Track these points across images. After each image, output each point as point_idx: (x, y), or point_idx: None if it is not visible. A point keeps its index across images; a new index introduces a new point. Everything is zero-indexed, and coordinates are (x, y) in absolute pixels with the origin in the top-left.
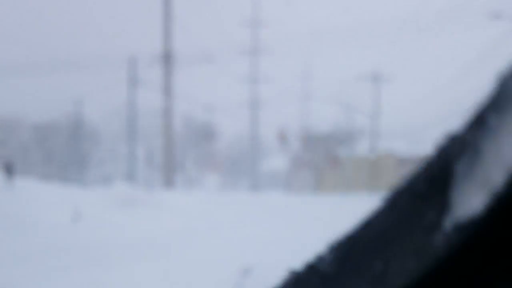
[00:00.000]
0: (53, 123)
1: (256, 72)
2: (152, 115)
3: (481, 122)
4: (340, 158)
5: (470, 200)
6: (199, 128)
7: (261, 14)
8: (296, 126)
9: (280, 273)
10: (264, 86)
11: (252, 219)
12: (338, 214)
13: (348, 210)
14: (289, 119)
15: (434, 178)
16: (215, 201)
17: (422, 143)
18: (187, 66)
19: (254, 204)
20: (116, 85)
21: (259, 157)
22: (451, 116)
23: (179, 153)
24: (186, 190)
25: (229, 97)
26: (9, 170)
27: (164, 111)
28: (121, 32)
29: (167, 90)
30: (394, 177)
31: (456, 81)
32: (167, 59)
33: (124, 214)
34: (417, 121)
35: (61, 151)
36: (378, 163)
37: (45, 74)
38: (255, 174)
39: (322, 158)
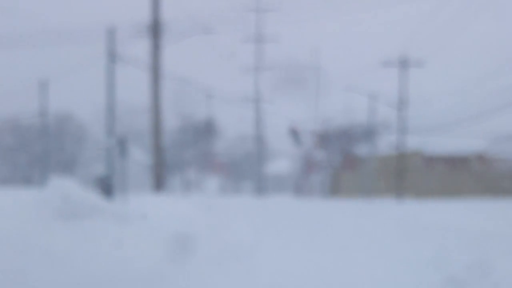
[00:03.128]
0: (36, 122)
1: (260, 60)
2: (141, 106)
3: None
4: (359, 158)
5: None
6: (199, 126)
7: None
8: (307, 121)
9: None
10: (269, 76)
11: (275, 240)
12: (376, 225)
13: (387, 219)
14: (299, 113)
15: None
16: (215, 208)
17: (457, 140)
18: (179, 40)
19: (266, 213)
20: (95, 64)
21: (264, 157)
22: (492, 110)
23: (177, 154)
24: (182, 193)
25: (230, 86)
26: None
27: (151, 95)
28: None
29: (155, 69)
30: (423, 179)
31: (501, 70)
32: (155, 29)
33: (63, 234)
34: (452, 114)
35: (46, 151)
36: (404, 162)
37: (5, 50)
38: (260, 176)
39: (337, 158)
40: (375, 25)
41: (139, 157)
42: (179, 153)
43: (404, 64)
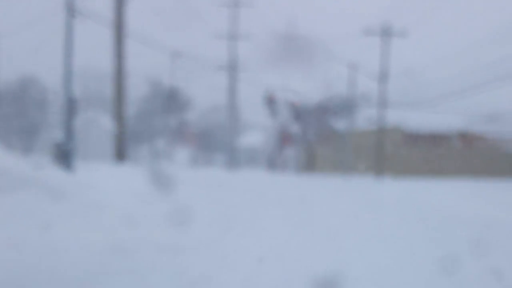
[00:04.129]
0: None
1: (235, 27)
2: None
3: None
4: (336, 132)
5: None
6: (169, 95)
7: None
8: (282, 94)
9: None
10: (244, 44)
11: (248, 221)
12: (361, 203)
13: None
14: (274, 86)
15: None
16: (178, 181)
17: (440, 116)
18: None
19: (236, 188)
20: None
21: (237, 129)
22: (478, 84)
23: (145, 123)
24: (148, 164)
25: (202, 51)
26: None
27: (115, 56)
28: None
29: (119, 26)
30: (403, 157)
31: (489, 42)
32: None
33: None
34: (436, 88)
35: (6, 117)
36: (383, 138)
37: None
38: (232, 148)
39: (314, 131)
40: None
41: (108, 125)
42: (148, 122)
43: (386, 33)
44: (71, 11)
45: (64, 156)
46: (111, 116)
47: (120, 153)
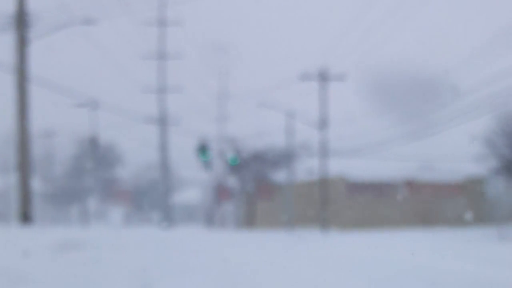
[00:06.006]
0: None
1: (164, 79)
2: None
3: None
4: (275, 184)
5: None
6: (93, 149)
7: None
8: (217, 147)
9: None
10: (175, 96)
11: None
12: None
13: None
14: (207, 135)
15: None
16: (86, 245)
17: (383, 163)
18: (52, 33)
19: (158, 248)
20: None
21: (171, 185)
22: (423, 129)
23: (76, 183)
24: (81, 225)
25: (131, 105)
26: None
27: (17, 104)
28: None
29: (21, 70)
30: (347, 207)
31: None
32: (20, 20)
33: None
34: (378, 134)
35: None
36: (326, 189)
37: None
38: (167, 206)
39: (252, 184)
40: (293, 36)
41: (35, 187)
42: (78, 181)
43: (324, 77)
44: None
45: None
46: (38, 176)
47: (26, 215)
